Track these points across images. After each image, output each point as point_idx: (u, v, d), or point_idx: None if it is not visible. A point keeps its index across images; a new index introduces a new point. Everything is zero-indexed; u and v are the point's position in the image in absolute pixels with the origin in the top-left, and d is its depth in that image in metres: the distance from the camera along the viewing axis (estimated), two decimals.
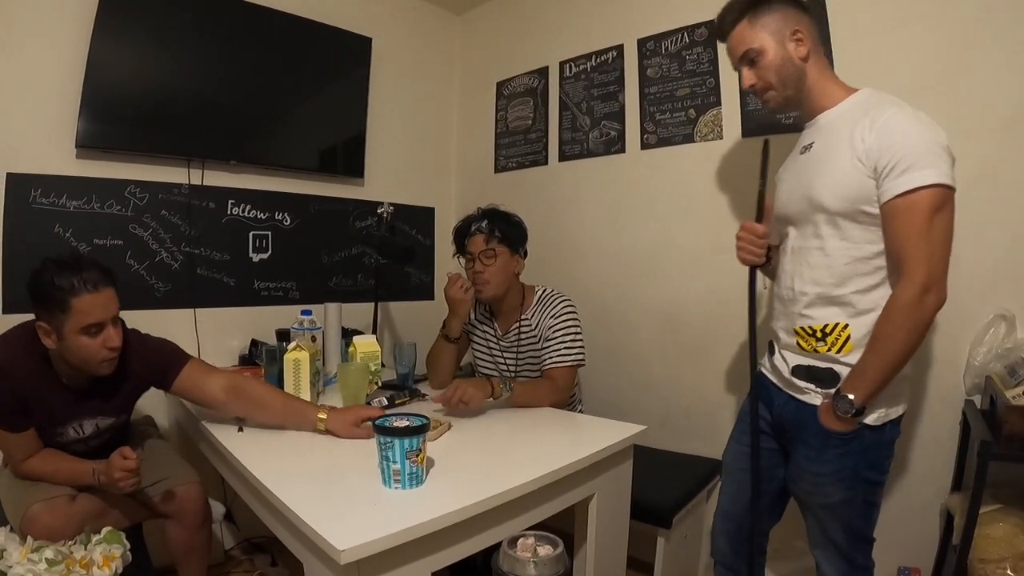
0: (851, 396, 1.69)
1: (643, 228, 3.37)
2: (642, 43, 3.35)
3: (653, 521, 2.56)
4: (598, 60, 3.59)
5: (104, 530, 2.06)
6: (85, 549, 1.98)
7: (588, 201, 3.65)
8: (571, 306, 2.70)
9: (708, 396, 3.09)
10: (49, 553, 1.90)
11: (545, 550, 1.18)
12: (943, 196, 1.60)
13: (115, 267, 2.64)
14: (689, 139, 3.16)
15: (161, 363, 2.28)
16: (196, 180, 3.26)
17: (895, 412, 1.79)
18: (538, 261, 3.07)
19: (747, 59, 1.90)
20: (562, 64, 3.79)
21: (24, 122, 2.78)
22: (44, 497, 2.06)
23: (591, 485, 2.04)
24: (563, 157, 3.79)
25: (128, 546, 2.06)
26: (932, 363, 2.44)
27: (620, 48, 3.47)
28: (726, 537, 2.18)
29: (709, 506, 2.99)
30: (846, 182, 1.72)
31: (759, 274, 2.09)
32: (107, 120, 2.90)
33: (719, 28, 1.98)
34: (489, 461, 1.96)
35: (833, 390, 1.77)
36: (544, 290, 2.77)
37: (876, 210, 1.68)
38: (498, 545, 1.60)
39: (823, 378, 1.81)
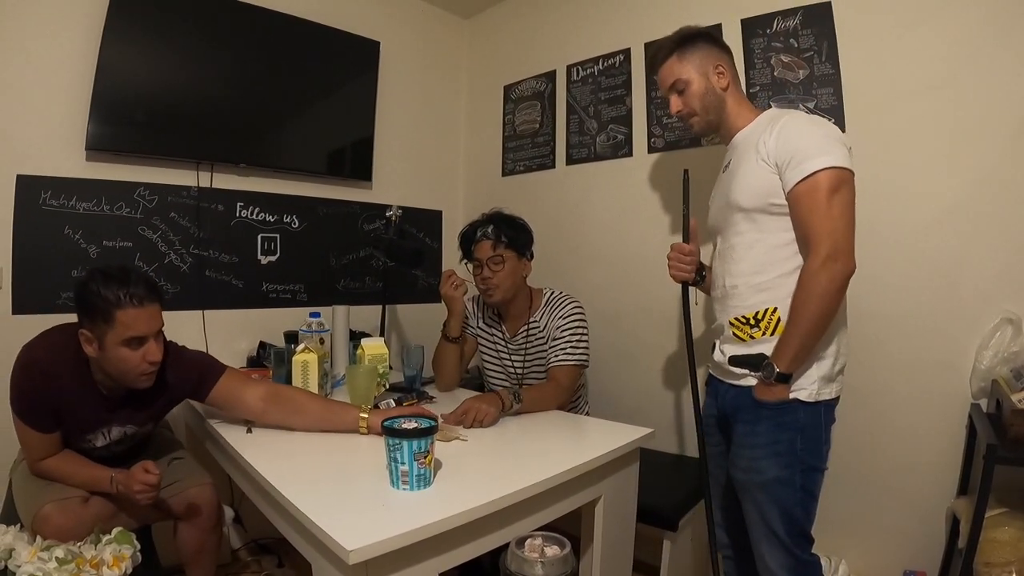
0: (774, 364, 1.84)
1: (650, 231, 3.37)
2: (649, 47, 3.35)
3: (659, 524, 2.56)
4: (605, 64, 3.59)
5: (114, 530, 2.06)
6: (95, 549, 1.99)
7: (595, 204, 3.66)
8: (579, 307, 2.71)
9: None
10: (59, 552, 1.90)
11: (553, 551, 1.18)
12: (839, 176, 1.79)
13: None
14: (696, 143, 3.16)
15: (197, 375, 2.27)
16: (205, 183, 3.28)
17: (827, 393, 1.91)
18: (545, 264, 3.08)
19: (675, 89, 2.15)
20: (569, 68, 3.80)
21: (34, 124, 2.80)
22: (57, 498, 2.07)
23: (598, 487, 2.05)
24: (570, 161, 3.79)
25: (138, 546, 2.06)
26: (938, 366, 2.44)
27: (627, 52, 3.47)
28: (723, 529, 2.29)
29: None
30: (755, 181, 1.93)
31: (694, 291, 2.36)
32: (117, 123, 2.91)
33: (652, 61, 2.25)
34: (496, 463, 1.97)
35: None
36: (552, 292, 2.79)
37: (784, 201, 1.87)
38: (505, 546, 1.61)
39: (755, 362, 1.94)
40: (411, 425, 1.62)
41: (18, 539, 1.97)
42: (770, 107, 2.24)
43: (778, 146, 1.87)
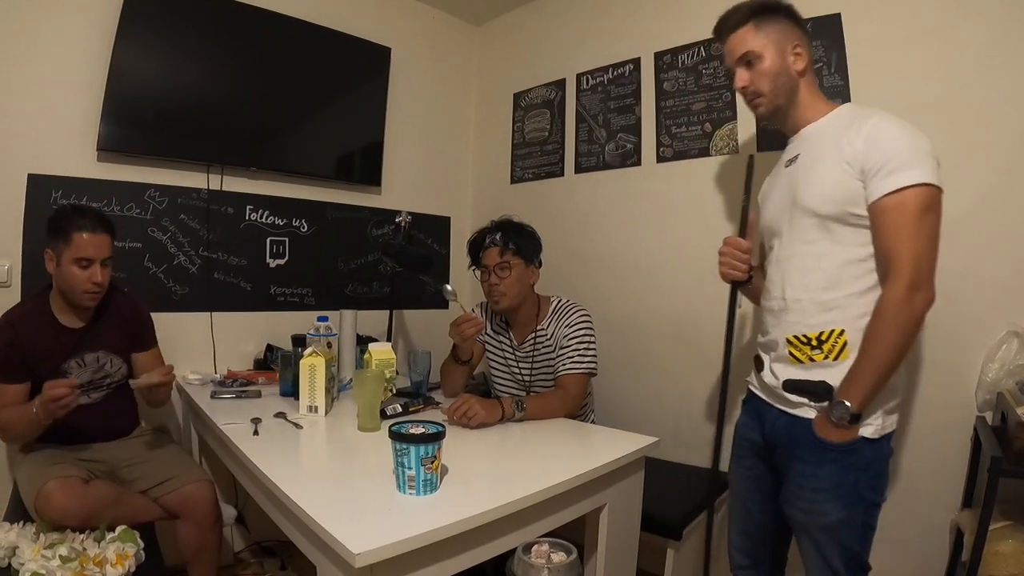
0: (847, 402, 1.66)
1: (658, 241, 3.37)
2: (659, 56, 3.37)
3: (663, 533, 2.54)
4: (615, 73, 3.60)
5: (118, 528, 2.08)
6: (99, 547, 2.00)
7: (603, 213, 3.66)
8: (586, 316, 2.71)
9: (719, 409, 3.08)
10: (63, 550, 1.92)
11: (559, 557, 1.19)
12: (931, 196, 1.62)
13: (133, 270, 2.73)
14: (705, 152, 3.16)
15: (143, 325, 2.70)
16: (215, 185, 3.30)
17: (890, 426, 1.77)
18: (553, 272, 3.08)
19: (745, 60, 1.91)
20: (579, 76, 3.81)
21: (46, 124, 2.82)
22: (59, 475, 2.13)
23: (602, 496, 2.05)
24: (579, 169, 3.80)
25: (141, 545, 2.08)
26: (944, 379, 2.43)
27: (637, 61, 3.48)
28: (742, 552, 2.14)
29: (719, 518, 3.00)
30: (833, 185, 1.73)
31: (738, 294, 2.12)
32: (128, 124, 2.93)
33: (721, 26, 1.99)
34: (502, 470, 1.97)
35: (827, 403, 1.73)
36: (559, 300, 2.79)
37: (864, 212, 1.69)
38: (509, 554, 1.61)
39: (816, 391, 1.77)
40: (418, 431, 1.62)
41: (22, 537, 1.98)
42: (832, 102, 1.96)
43: (868, 150, 1.66)
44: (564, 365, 2.64)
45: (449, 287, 2.70)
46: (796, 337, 1.82)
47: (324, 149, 3.71)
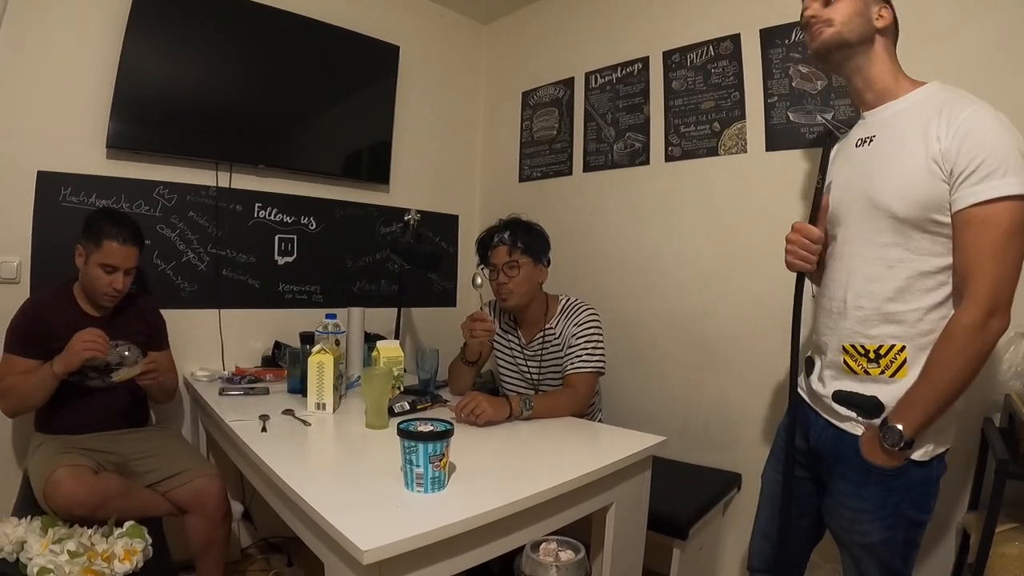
0: (900, 427, 1.55)
1: (666, 240, 3.38)
2: (668, 55, 3.36)
3: (669, 532, 2.55)
4: (624, 72, 3.60)
5: (126, 524, 2.09)
6: (107, 542, 2.01)
7: (612, 212, 3.66)
8: (595, 315, 2.71)
9: (728, 409, 3.08)
10: (71, 545, 1.92)
11: (567, 555, 1.19)
12: (1023, 211, 1.45)
13: (143, 267, 2.71)
14: (713, 152, 3.16)
15: (159, 329, 2.82)
16: (224, 183, 3.31)
17: (943, 446, 1.64)
18: (561, 271, 3.08)
19: None
20: (588, 75, 3.81)
21: (56, 121, 2.83)
22: (69, 463, 2.16)
23: (609, 494, 2.05)
24: (587, 168, 3.80)
25: (149, 540, 2.09)
26: None
27: (646, 60, 3.48)
28: (761, 557, 2.07)
29: (726, 518, 3.00)
30: (917, 186, 1.55)
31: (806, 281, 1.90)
32: (137, 121, 2.94)
33: None
34: (510, 468, 1.98)
35: (876, 420, 1.64)
36: (568, 299, 2.79)
37: (947, 219, 1.53)
38: (515, 552, 1.62)
39: (866, 407, 1.67)
40: (427, 428, 1.63)
41: (30, 532, 1.99)
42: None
43: (959, 148, 1.48)
44: (572, 364, 2.64)
45: (479, 279, 2.68)
46: (853, 347, 1.71)
47: (332, 147, 3.71)
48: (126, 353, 2.51)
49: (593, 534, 2.15)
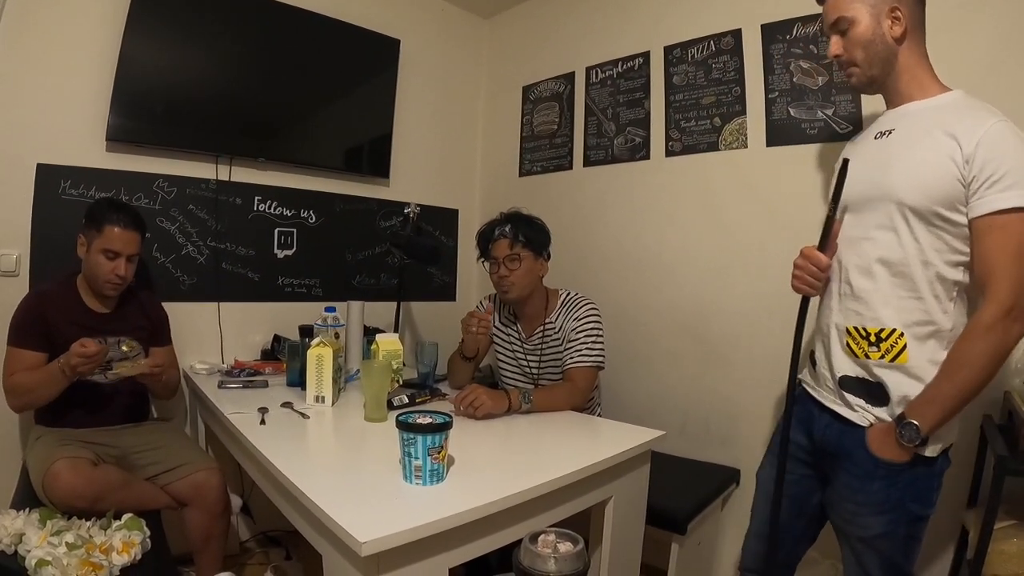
0: (918, 423, 1.57)
1: (666, 235, 3.38)
2: (669, 50, 3.36)
3: (668, 527, 2.55)
4: (624, 66, 3.60)
5: (125, 516, 2.09)
6: (105, 535, 2.01)
7: (612, 207, 3.66)
8: (595, 309, 2.71)
9: (727, 405, 3.08)
10: (69, 537, 1.93)
11: (566, 546, 1.18)
12: None
13: (142, 259, 2.71)
14: (714, 147, 3.16)
15: (162, 323, 2.82)
16: (224, 176, 3.30)
17: (950, 439, 1.68)
18: (561, 266, 3.08)
19: (838, 28, 1.79)
20: (588, 70, 3.80)
21: (55, 114, 2.82)
22: (68, 455, 2.15)
23: (608, 488, 2.05)
24: (588, 162, 3.80)
25: (148, 533, 2.09)
26: None
27: (647, 55, 3.47)
28: (755, 557, 2.09)
29: (724, 513, 3.00)
30: (931, 178, 1.58)
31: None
32: (137, 115, 2.94)
33: None
34: (509, 461, 1.98)
35: (882, 410, 1.68)
36: (568, 293, 2.79)
37: (954, 216, 1.57)
38: (512, 545, 1.61)
39: (873, 392, 1.70)
40: (425, 420, 1.62)
41: (28, 524, 1.99)
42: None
43: (985, 156, 1.50)
44: (572, 358, 2.64)
45: (484, 303, 2.70)
46: (856, 328, 1.74)
47: (333, 140, 3.71)
48: (125, 349, 2.51)
49: (592, 528, 2.16)
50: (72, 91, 2.85)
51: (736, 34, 3.03)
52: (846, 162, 1.79)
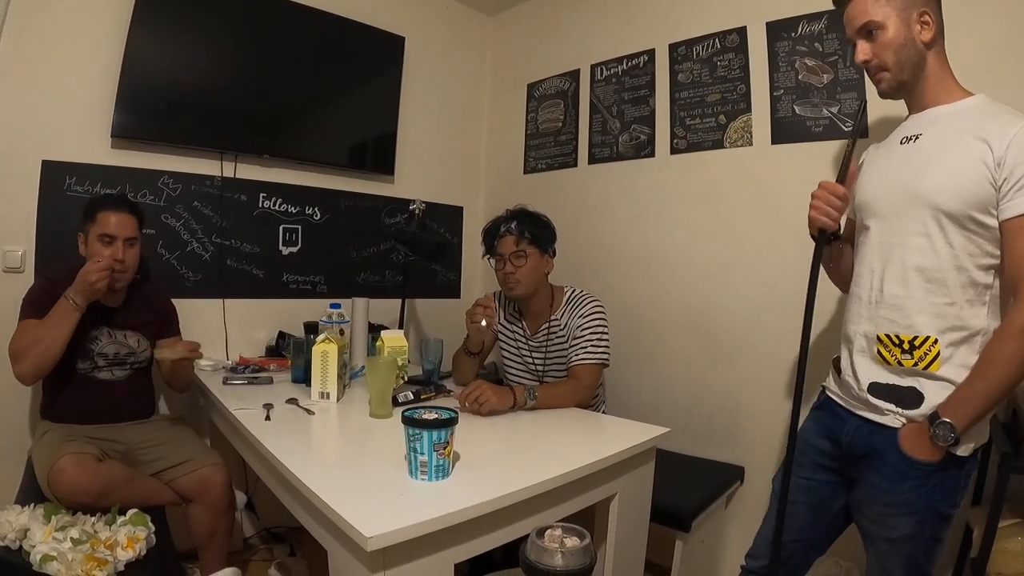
0: (952, 422, 1.54)
1: (670, 233, 3.37)
2: (674, 48, 3.36)
3: (672, 524, 2.55)
4: (629, 64, 3.59)
5: (130, 512, 2.10)
6: (110, 530, 2.01)
7: (616, 204, 3.66)
8: (600, 307, 2.71)
9: (731, 402, 3.08)
10: (74, 533, 1.93)
11: (572, 541, 1.18)
12: None
13: (147, 255, 2.73)
14: (719, 145, 3.16)
15: (169, 316, 2.82)
16: (228, 173, 3.31)
17: (981, 441, 1.65)
18: (565, 263, 3.08)
19: (865, 31, 1.75)
20: (593, 67, 3.80)
21: (61, 111, 2.83)
22: (73, 451, 2.14)
23: (613, 485, 2.05)
24: (592, 160, 3.79)
25: (153, 528, 2.09)
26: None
27: (651, 52, 3.47)
28: (758, 560, 2.07)
29: (729, 511, 3.00)
30: (965, 182, 1.57)
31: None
32: (142, 111, 2.94)
33: None
34: (514, 457, 1.99)
35: (915, 412, 1.65)
36: (573, 291, 2.79)
37: (986, 219, 1.56)
38: (517, 542, 1.62)
39: (905, 398, 1.67)
40: (431, 416, 1.62)
41: (33, 519, 2.00)
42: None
43: (1011, 157, 1.51)
44: (577, 356, 2.63)
45: (484, 322, 2.71)
46: (888, 336, 1.71)
47: (337, 137, 3.71)
48: (134, 344, 2.51)
49: (596, 525, 2.15)
50: (77, 88, 2.86)
51: (741, 31, 3.03)
52: (864, 102, 1.88)
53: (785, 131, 2.89)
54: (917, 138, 1.74)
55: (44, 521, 2.00)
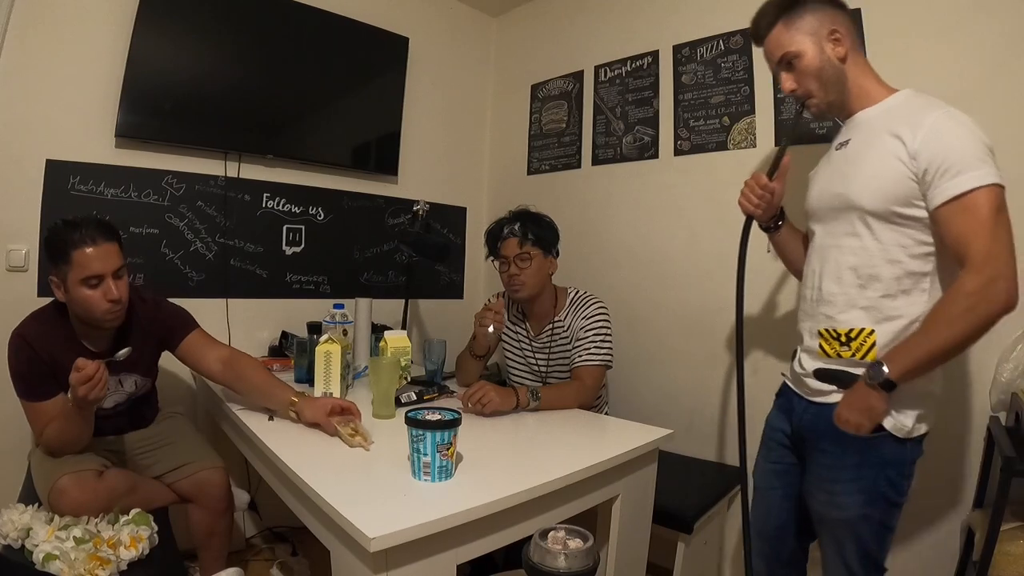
0: (884, 366, 1.60)
1: (674, 234, 3.37)
2: (678, 49, 3.35)
3: (674, 526, 2.55)
4: (633, 65, 3.59)
5: (132, 511, 2.09)
6: (112, 529, 2.01)
7: (620, 206, 3.65)
8: (603, 308, 2.72)
9: (734, 404, 3.07)
10: (77, 532, 1.93)
11: (576, 543, 1.19)
12: (1000, 195, 1.55)
13: (151, 255, 2.73)
14: (723, 146, 3.15)
15: (171, 324, 2.47)
16: (232, 172, 3.31)
17: (920, 429, 1.71)
18: (568, 264, 3.08)
19: (785, 62, 1.84)
20: (597, 68, 3.80)
21: (65, 110, 2.83)
22: (72, 470, 2.11)
23: (616, 486, 2.05)
24: (596, 161, 3.79)
25: (155, 528, 2.09)
26: (959, 379, 2.41)
27: (655, 54, 3.47)
28: (762, 557, 2.10)
29: (731, 513, 3.00)
30: (884, 180, 1.66)
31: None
32: (146, 111, 2.95)
33: (755, 32, 1.92)
34: (517, 458, 1.98)
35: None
36: (577, 292, 2.80)
37: (912, 212, 1.63)
38: (519, 543, 1.62)
39: (844, 379, 1.75)
40: (434, 417, 1.63)
41: (35, 519, 2.00)
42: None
43: (931, 150, 1.57)
44: (580, 357, 2.64)
45: (491, 328, 2.70)
46: (827, 331, 1.81)
47: (341, 138, 3.71)
48: (133, 388, 2.43)
49: (599, 526, 2.16)
50: (81, 87, 2.86)
51: (745, 33, 3.01)
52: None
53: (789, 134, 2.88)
54: (847, 143, 1.83)
55: (47, 520, 2.00)
